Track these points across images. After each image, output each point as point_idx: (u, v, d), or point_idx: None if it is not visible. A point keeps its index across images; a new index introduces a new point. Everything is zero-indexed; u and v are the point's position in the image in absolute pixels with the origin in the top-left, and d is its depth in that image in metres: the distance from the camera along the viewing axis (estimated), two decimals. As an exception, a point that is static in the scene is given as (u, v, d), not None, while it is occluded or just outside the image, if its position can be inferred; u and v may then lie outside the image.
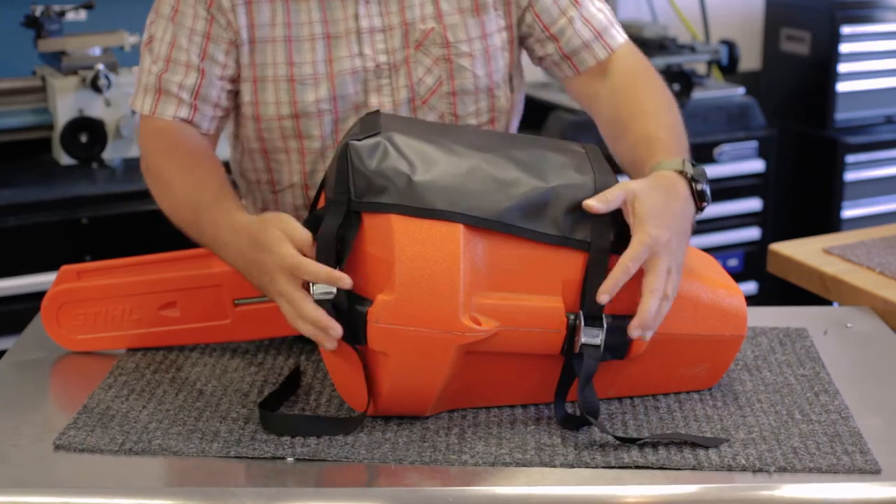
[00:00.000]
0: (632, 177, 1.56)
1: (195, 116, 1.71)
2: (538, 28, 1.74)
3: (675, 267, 1.45)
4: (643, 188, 1.46)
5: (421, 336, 1.40)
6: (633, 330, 1.41)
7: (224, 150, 1.86)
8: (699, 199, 1.52)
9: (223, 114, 1.74)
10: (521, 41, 1.79)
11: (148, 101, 1.71)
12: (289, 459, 1.39)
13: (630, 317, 1.44)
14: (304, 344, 1.69)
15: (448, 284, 1.39)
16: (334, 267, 1.42)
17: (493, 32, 1.73)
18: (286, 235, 1.44)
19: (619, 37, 1.77)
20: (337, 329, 1.41)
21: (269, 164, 1.77)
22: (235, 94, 1.74)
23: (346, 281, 1.40)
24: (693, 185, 1.51)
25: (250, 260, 1.48)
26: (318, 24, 1.68)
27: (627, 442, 1.42)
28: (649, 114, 1.65)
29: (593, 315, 1.44)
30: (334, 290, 1.41)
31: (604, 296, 1.41)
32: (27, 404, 1.54)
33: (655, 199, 1.45)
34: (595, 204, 1.44)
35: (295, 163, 1.75)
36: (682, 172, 1.51)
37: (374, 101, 1.71)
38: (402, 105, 1.72)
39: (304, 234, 1.43)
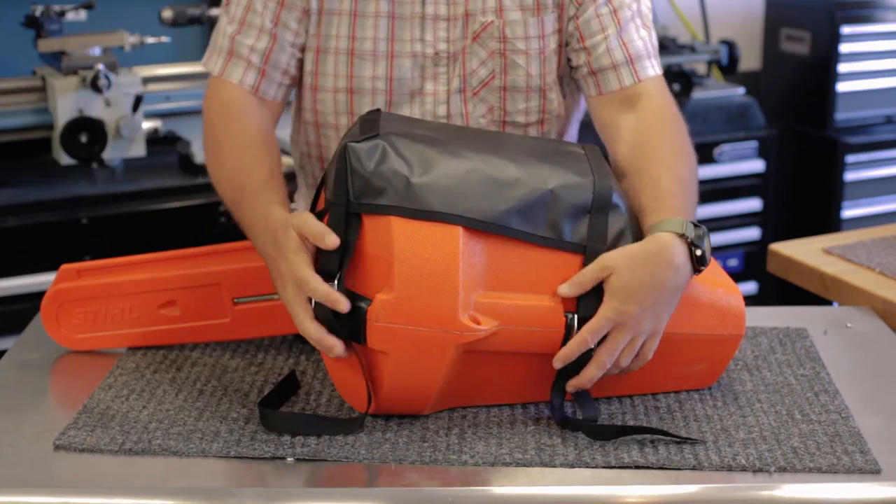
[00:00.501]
0: (632, 214, 1.54)
1: (262, 83, 1.71)
2: (576, 38, 1.73)
3: (647, 334, 1.46)
4: (622, 263, 1.45)
5: (420, 335, 1.40)
6: (568, 386, 1.46)
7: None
8: (697, 263, 1.49)
9: (290, 82, 1.75)
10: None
11: (219, 62, 1.72)
12: (289, 459, 1.39)
13: None
14: (304, 344, 1.69)
15: (447, 283, 1.39)
16: (338, 269, 1.43)
17: (550, 34, 1.73)
18: (302, 240, 1.45)
19: (652, 70, 1.72)
20: (338, 348, 1.43)
21: (319, 140, 1.78)
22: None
23: (343, 304, 1.41)
24: (692, 249, 1.48)
25: (271, 257, 1.50)
26: (385, 2, 1.70)
27: (601, 438, 1.43)
28: (665, 162, 1.61)
29: (589, 317, 1.44)
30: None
31: (557, 363, 1.44)
32: (27, 404, 1.54)
33: (633, 275, 1.44)
34: (567, 290, 1.45)
35: None
36: (682, 236, 1.48)
37: (430, 88, 1.72)
38: (454, 94, 1.72)
39: (319, 230, 1.44)
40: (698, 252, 1.48)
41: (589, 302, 1.45)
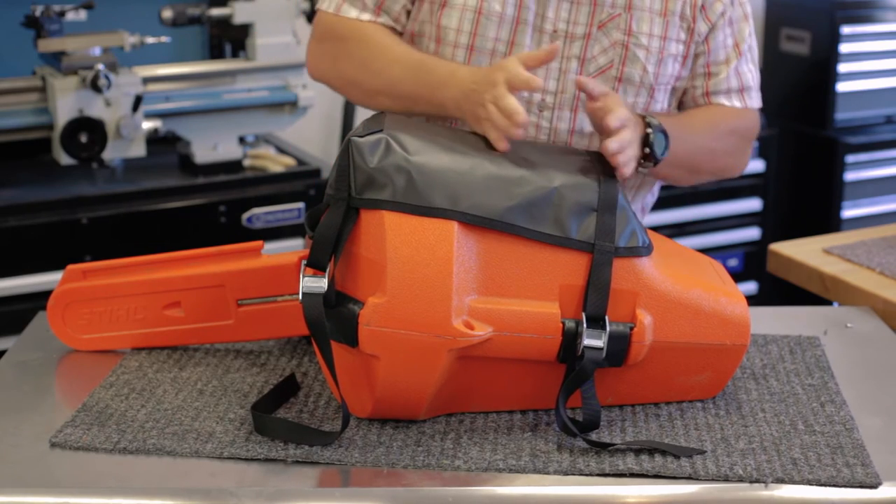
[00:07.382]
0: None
1: (378, 19, 1.80)
2: (702, 62, 1.82)
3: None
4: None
5: (412, 340, 1.39)
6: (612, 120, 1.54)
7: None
8: (643, 144, 1.63)
9: (400, 30, 1.81)
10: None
11: (334, 3, 1.80)
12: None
13: (629, 325, 1.44)
14: (308, 345, 1.69)
15: (440, 288, 1.38)
16: (327, 264, 1.42)
17: (672, 39, 1.77)
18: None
19: (757, 101, 1.87)
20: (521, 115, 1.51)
21: None
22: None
23: (536, 82, 1.52)
24: (645, 127, 1.64)
25: (480, 79, 1.59)
26: None
27: (598, 446, 1.41)
28: (702, 121, 1.80)
29: (595, 317, 1.44)
30: (325, 285, 1.42)
31: (613, 144, 1.52)
32: (27, 404, 1.54)
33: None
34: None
35: None
36: (643, 117, 1.65)
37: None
38: (570, 74, 1.75)
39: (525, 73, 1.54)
40: (648, 130, 1.64)
41: (595, 304, 1.44)
